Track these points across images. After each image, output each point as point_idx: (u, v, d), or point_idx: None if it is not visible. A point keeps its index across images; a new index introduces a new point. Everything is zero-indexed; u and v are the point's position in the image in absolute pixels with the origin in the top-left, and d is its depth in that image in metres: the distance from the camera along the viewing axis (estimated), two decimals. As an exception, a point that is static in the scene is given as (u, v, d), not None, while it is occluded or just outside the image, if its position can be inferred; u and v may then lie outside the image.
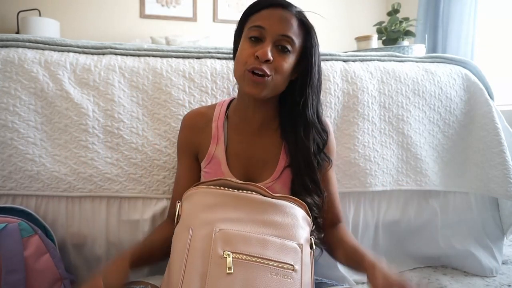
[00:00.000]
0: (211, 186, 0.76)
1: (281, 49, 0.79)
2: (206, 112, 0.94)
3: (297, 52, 0.82)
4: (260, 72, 0.77)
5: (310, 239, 0.75)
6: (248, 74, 0.79)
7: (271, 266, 0.64)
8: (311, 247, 0.74)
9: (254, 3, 0.83)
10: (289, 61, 0.80)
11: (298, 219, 0.74)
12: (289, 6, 0.81)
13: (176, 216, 0.76)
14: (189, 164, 0.92)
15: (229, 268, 0.61)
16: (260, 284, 0.61)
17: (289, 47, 0.79)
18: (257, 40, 0.79)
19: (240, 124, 0.90)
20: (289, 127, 0.86)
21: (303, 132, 0.84)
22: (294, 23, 0.80)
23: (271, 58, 0.77)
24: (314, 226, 0.81)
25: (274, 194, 0.76)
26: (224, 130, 0.90)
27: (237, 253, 0.64)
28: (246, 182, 0.77)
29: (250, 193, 0.74)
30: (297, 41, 0.80)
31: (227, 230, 0.67)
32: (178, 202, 0.77)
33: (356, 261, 0.79)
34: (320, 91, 0.87)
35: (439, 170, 1.31)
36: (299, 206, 0.77)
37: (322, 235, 0.84)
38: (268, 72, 0.78)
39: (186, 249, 0.65)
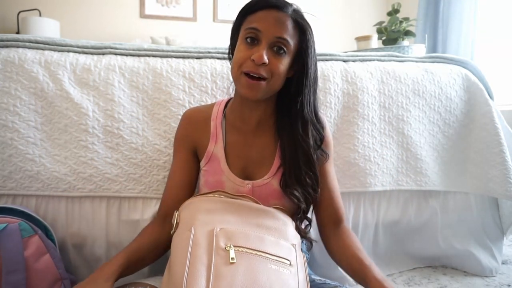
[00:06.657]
0: (208, 195, 0.81)
1: (276, 51, 0.80)
2: (205, 110, 0.95)
3: (293, 53, 0.83)
4: (255, 75, 0.78)
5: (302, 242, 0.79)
6: (244, 77, 0.80)
7: (270, 259, 0.68)
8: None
9: (250, 3, 0.83)
10: (284, 63, 0.81)
11: (289, 224, 0.80)
12: (284, 7, 0.81)
13: (174, 225, 0.78)
14: (186, 158, 0.93)
15: (232, 258, 0.65)
16: (261, 273, 0.64)
17: (284, 49, 0.80)
18: (253, 42, 0.80)
19: (237, 122, 0.91)
20: (287, 124, 0.87)
21: (301, 128, 0.85)
22: (289, 25, 0.80)
23: (267, 61, 0.78)
24: (303, 221, 0.87)
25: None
26: (222, 128, 0.91)
27: (238, 246, 0.68)
28: (240, 194, 0.82)
29: (245, 200, 0.80)
30: (292, 42, 0.81)
31: (227, 229, 0.70)
32: (176, 212, 0.80)
33: (360, 277, 0.81)
34: (316, 88, 0.88)
35: (439, 170, 1.31)
36: (288, 216, 0.82)
37: (310, 228, 0.89)
38: (265, 75, 0.79)
39: (189, 244, 0.67)
